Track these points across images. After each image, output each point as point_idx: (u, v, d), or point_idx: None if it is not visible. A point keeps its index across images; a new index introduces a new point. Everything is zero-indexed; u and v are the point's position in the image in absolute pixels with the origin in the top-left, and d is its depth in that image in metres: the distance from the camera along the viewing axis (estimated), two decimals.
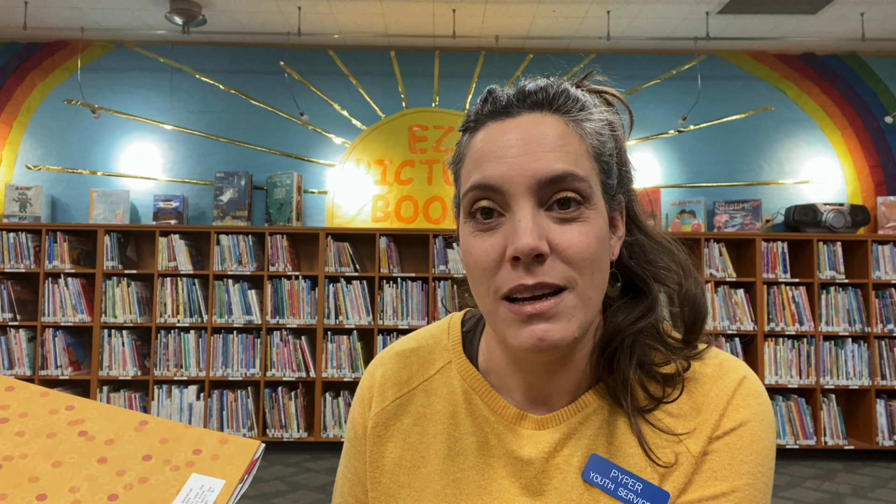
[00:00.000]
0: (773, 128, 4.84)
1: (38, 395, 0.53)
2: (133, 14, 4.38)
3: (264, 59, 4.82)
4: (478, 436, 0.64)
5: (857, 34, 4.44)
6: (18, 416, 0.51)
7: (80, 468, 0.48)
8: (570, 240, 0.55)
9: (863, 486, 3.71)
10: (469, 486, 0.63)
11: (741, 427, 0.58)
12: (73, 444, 0.50)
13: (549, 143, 0.56)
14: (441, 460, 0.65)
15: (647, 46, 4.78)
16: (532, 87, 0.59)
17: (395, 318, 4.37)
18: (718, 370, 0.62)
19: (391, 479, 0.66)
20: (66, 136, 4.74)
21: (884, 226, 4.59)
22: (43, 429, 0.50)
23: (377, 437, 0.68)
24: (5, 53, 4.76)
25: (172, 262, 4.37)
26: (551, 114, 0.58)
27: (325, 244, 4.39)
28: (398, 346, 0.73)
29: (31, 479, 0.47)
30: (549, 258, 0.55)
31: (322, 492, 3.53)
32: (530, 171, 0.55)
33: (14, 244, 4.32)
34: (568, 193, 0.55)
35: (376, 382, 0.71)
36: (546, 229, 0.55)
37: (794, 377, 4.28)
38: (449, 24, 4.42)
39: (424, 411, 0.68)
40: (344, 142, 4.81)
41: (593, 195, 0.57)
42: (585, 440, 0.61)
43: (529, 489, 0.61)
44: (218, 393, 4.30)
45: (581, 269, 0.55)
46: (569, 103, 0.59)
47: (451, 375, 0.68)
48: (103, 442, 0.51)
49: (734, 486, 0.57)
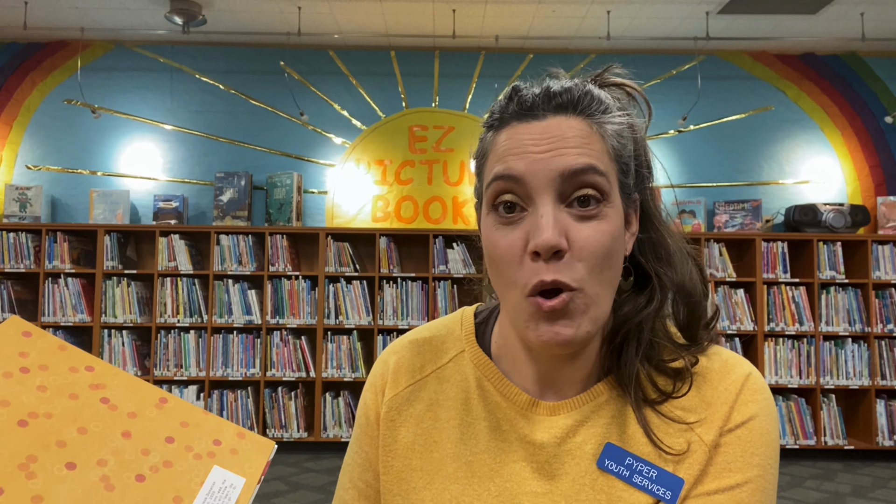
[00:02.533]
0: (773, 128, 4.84)
1: (57, 348, 0.53)
2: (133, 14, 4.38)
3: (264, 59, 4.82)
4: (490, 420, 0.66)
5: (857, 34, 4.44)
6: (39, 368, 0.50)
7: (106, 439, 0.48)
8: (588, 237, 0.57)
9: (863, 486, 3.71)
10: (481, 469, 0.64)
11: (751, 421, 0.60)
12: (96, 411, 0.50)
13: (572, 140, 0.58)
14: (453, 444, 0.66)
15: (647, 46, 4.78)
16: (557, 89, 0.60)
17: (395, 318, 4.37)
18: (724, 366, 0.63)
19: (403, 463, 0.67)
20: (66, 136, 4.74)
21: (884, 226, 4.59)
22: (65, 388, 0.50)
23: (390, 421, 0.69)
24: (5, 53, 4.76)
25: (172, 262, 4.37)
26: (575, 116, 0.60)
27: (325, 244, 4.39)
28: (411, 335, 0.75)
29: (59, 444, 0.46)
30: (567, 254, 0.57)
31: (322, 492, 3.53)
32: (553, 166, 0.57)
33: (14, 244, 4.33)
34: (588, 190, 0.58)
35: (389, 369, 0.72)
36: (566, 225, 0.57)
37: (794, 377, 4.28)
38: (449, 24, 4.42)
39: (437, 397, 0.69)
40: (344, 142, 4.81)
41: (612, 192, 0.59)
42: (598, 428, 0.63)
43: (542, 472, 0.62)
44: (218, 393, 4.30)
45: (593, 268, 0.57)
46: (592, 105, 0.61)
47: (463, 364, 0.70)
48: (126, 414, 0.50)
49: (747, 477, 0.59)
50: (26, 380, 0.49)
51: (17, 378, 0.49)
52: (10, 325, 0.52)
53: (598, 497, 0.60)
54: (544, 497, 0.61)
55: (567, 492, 0.61)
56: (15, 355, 0.50)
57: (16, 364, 0.50)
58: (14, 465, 0.43)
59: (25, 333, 0.52)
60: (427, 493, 0.65)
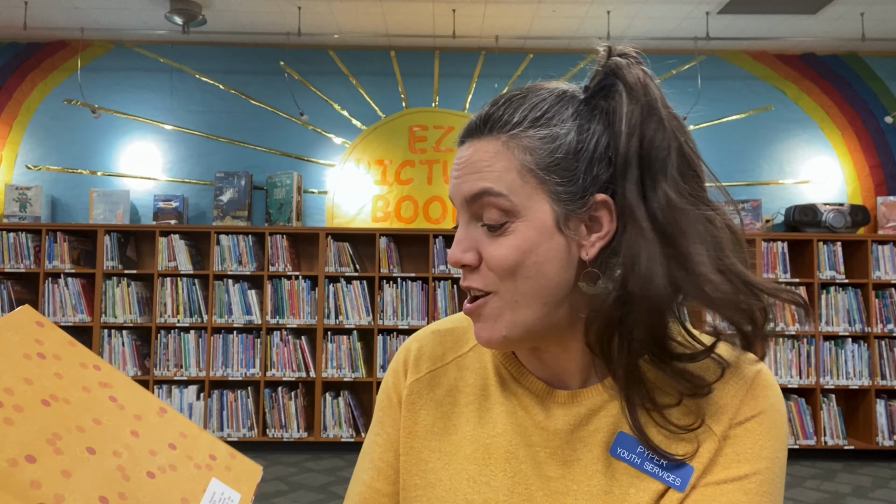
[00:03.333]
0: (773, 128, 4.84)
1: (67, 343, 0.54)
2: (133, 14, 4.38)
3: (264, 59, 4.82)
4: (507, 406, 0.69)
5: (857, 34, 4.44)
6: (53, 357, 0.51)
7: (118, 433, 0.50)
8: (492, 252, 0.61)
9: (863, 486, 3.71)
10: (498, 451, 0.67)
11: (761, 414, 0.62)
12: (106, 407, 0.51)
13: (476, 166, 0.62)
14: (472, 427, 0.69)
15: (647, 46, 4.73)
16: (478, 114, 0.65)
17: (395, 318, 4.37)
18: (734, 364, 0.64)
19: (423, 444, 0.71)
20: (66, 136, 4.74)
21: (884, 226, 4.59)
22: (78, 381, 0.51)
23: (411, 404, 0.73)
24: (5, 53, 4.76)
25: (172, 262, 4.37)
26: (485, 137, 0.63)
27: (325, 244, 4.39)
28: (434, 325, 0.79)
29: (79, 429, 0.47)
30: (482, 265, 0.62)
31: (322, 492, 3.53)
32: (461, 191, 0.64)
33: (14, 244, 4.33)
34: (488, 210, 0.62)
35: (412, 355, 0.76)
36: (478, 241, 0.63)
37: (794, 377, 4.28)
38: (449, 24, 4.42)
39: (457, 384, 0.73)
40: (344, 142, 4.82)
41: (521, 208, 0.60)
42: (611, 418, 0.65)
43: (556, 458, 0.65)
44: (218, 393, 4.30)
45: (504, 277, 0.61)
46: (503, 123, 0.62)
47: (483, 354, 0.73)
48: (132, 415, 0.52)
49: (756, 468, 0.60)
50: (44, 365, 0.50)
51: (36, 362, 0.50)
52: (24, 313, 0.53)
53: (609, 483, 0.63)
54: (557, 482, 0.64)
55: (579, 477, 0.64)
56: (31, 341, 0.51)
57: (33, 349, 0.51)
58: (43, 440, 0.45)
59: (39, 323, 0.53)
60: (445, 473, 0.68)
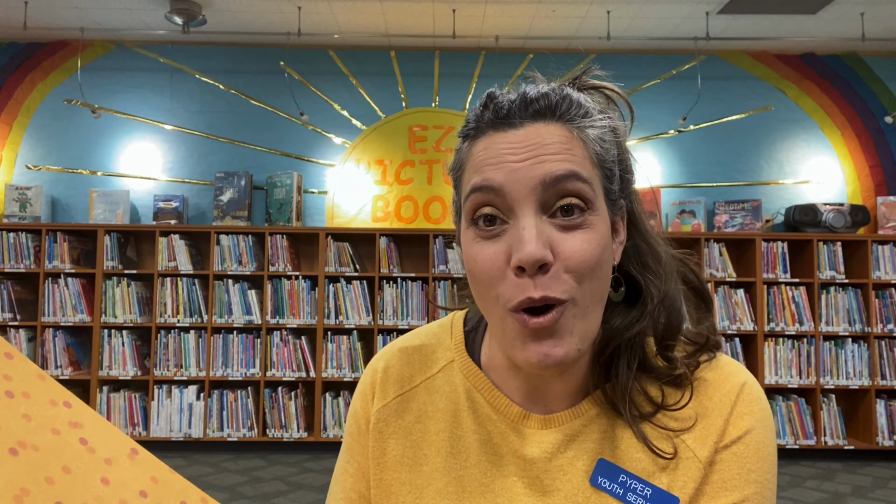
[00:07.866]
0: (773, 128, 4.84)
1: (37, 377, 0.51)
2: (133, 14, 4.38)
3: (264, 59, 4.82)
4: (480, 434, 0.64)
5: (857, 34, 4.44)
6: (22, 395, 0.49)
7: (87, 483, 0.48)
8: (574, 248, 0.54)
9: (863, 486, 3.71)
10: (472, 484, 0.62)
11: (747, 435, 0.59)
12: (76, 452, 0.49)
13: (552, 147, 0.55)
14: (443, 458, 0.64)
15: (647, 46, 4.78)
16: (534, 94, 0.57)
17: (395, 318, 4.37)
18: (719, 375, 0.62)
19: (393, 476, 0.65)
20: (66, 136, 4.74)
21: (884, 226, 4.59)
22: (47, 421, 0.49)
23: (379, 433, 0.67)
24: (5, 53, 4.76)
25: (172, 262, 4.37)
26: (554, 122, 0.57)
27: (325, 244, 4.39)
28: (401, 342, 0.72)
29: (48, 481, 0.45)
30: (554, 267, 0.54)
31: (322, 492, 3.53)
32: (534, 174, 0.54)
33: (14, 244, 4.32)
34: (572, 199, 0.55)
35: (378, 378, 0.70)
36: (550, 237, 0.54)
37: (794, 377, 4.28)
38: (449, 24, 4.42)
39: (426, 409, 0.67)
40: (344, 142, 4.81)
41: (596, 200, 0.56)
42: (590, 444, 0.61)
43: (534, 488, 0.60)
44: (218, 393, 4.30)
45: (583, 279, 0.55)
46: (572, 110, 0.57)
47: (453, 374, 0.68)
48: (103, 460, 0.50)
49: (744, 495, 0.57)
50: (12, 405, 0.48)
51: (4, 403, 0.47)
52: None
53: None
54: None
55: None
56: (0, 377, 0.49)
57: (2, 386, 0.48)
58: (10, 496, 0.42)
59: (7, 355, 0.51)
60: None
